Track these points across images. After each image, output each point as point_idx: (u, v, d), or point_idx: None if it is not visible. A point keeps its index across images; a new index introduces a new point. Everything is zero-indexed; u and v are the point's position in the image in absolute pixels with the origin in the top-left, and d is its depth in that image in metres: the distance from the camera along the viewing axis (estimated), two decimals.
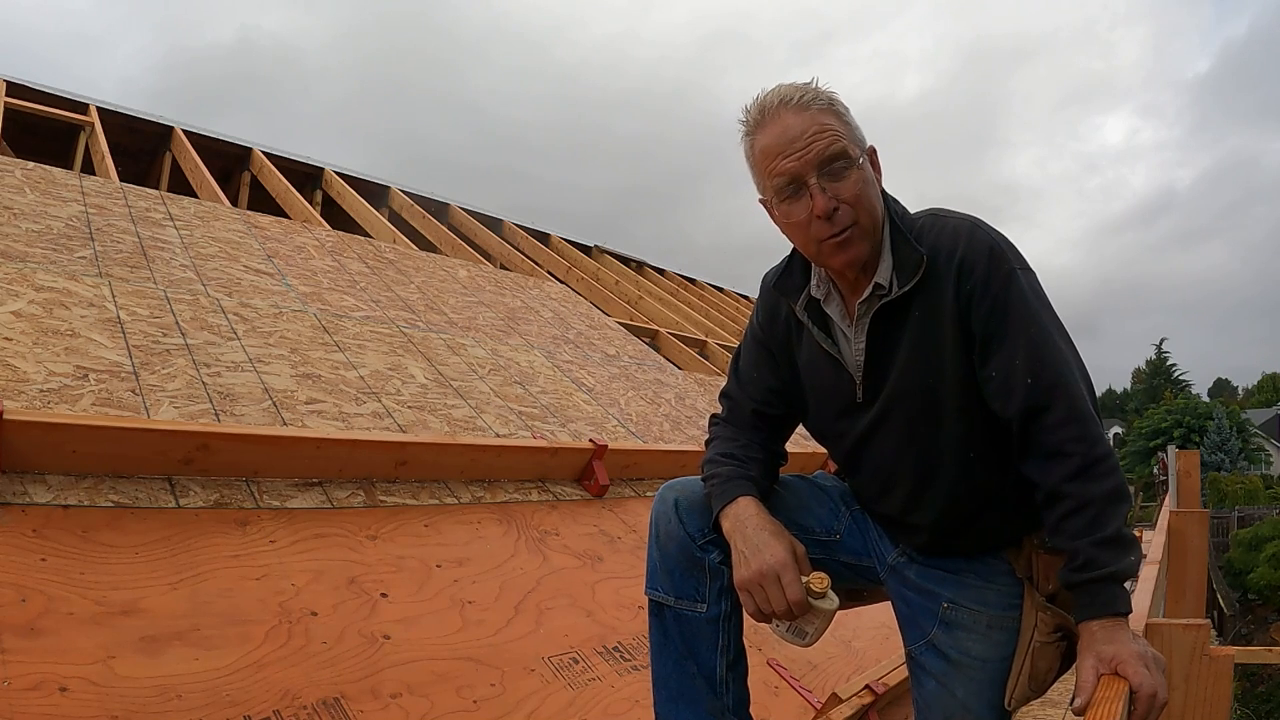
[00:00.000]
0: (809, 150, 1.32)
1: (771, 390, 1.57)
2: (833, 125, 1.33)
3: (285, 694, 1.66)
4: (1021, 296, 1.34)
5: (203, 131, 7.67)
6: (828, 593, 1.37)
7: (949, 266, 1.35)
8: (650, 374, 5.62)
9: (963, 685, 1.45)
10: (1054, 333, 1.35)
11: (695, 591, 1.47)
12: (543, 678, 2.05)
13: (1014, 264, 1.36)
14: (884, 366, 1.41)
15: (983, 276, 1.33)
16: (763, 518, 1.41)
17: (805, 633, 1.41)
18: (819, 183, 1.32)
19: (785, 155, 1.33)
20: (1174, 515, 5.35)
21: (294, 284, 4.17)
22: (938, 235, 1.38)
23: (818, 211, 1.32)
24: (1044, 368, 1.31)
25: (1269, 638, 14.25)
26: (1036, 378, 1.31)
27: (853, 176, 1.33)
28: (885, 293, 1.38)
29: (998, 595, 1.46)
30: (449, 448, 2.79)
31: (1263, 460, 36.02)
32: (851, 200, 1.33)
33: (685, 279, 12.38)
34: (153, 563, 1.85)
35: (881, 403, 1.42)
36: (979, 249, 1.35)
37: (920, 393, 1.38)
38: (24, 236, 3.38)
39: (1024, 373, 1.31)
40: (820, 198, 1.32)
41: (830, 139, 1.32)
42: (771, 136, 1.35)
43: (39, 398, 2.24)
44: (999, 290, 1.33)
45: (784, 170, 1.33)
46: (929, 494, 1.44)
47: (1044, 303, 1.37)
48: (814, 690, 2.49)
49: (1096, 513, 1.27)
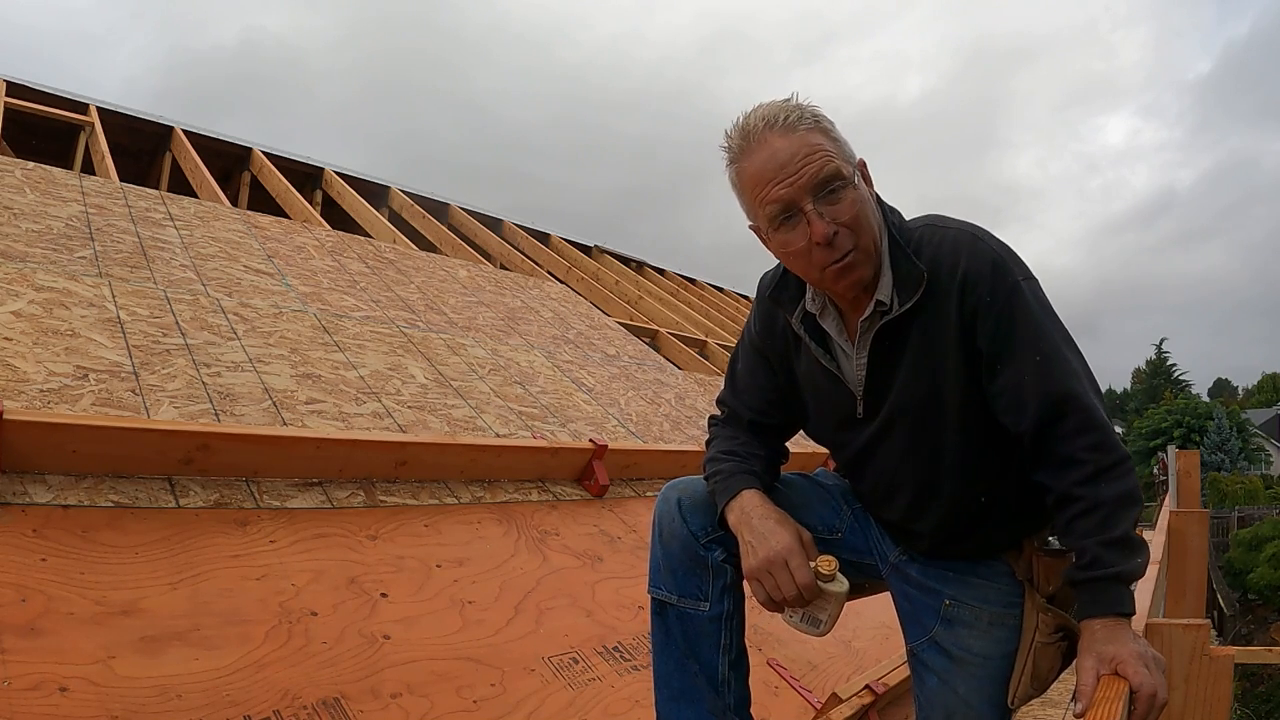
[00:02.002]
0: (801, 175, 1.26)
1: (769, 401, 1.55)
2: (822, 144, 1.28)
3: (285, 694, 1.66)
4: (1027, 309, 1.32)
5: (203, 131, 7.67)
6: (836, 575, 1.38)
7: (951, 282, 1.32)
8: (650, 374, 5.62)
9: (964, 682, 1.45)
10: (1061, 344, 1.34)
11: (698, 590, 1.48)
12: (543, 678, 2.05)
13: (1017, 276, 1.33)
14: (885, 382, 1.39)
15: (987, 292, 1.30)
16: (768, 507, 1.42)
17: (819, 620, 1.40)
18: (815, 208, 1.27)
19: (777, 182, 1.27)
20: (1174, 515, 5.35)
21: (294, 284, 4.17)
22: (937, 248, 1.34)
23: (817, 238, 1.27)
24: (1054, 381, 1.30)
25: (1269, 638, 14.24)
26: (1047, 392, 1.30)
27: (849, 197, 1.28)
28: (887, 310, 1.35)
29: (999, 593, 1.47)
30: (449, 448, 2.79)
31: (1263, 460, 36.00)
32: (850, 222, 1.28)
33: (685, 279, 12.38)
34: (153, 563, 1.85)
35: (883, 417, 1.41)
36: (982, 263, 1.31)
37: (921, 407, 1.37)
38: (24, 236, 3.38)
39: (1035, 387, 1.30)
40: (819, 223, 1.26)
41: (822, 160, 1.27)
42: (760, 163, 1.28)
43: (39, 398, 2.24)
44: (1004, 305, 1.31)
45: (777, 197, 1.28)
46: (931, 504, 1.44)
47: (1049, 313, 1.36)
48: (814, 690, 2.49)
49: (1107, 514, 1.26)
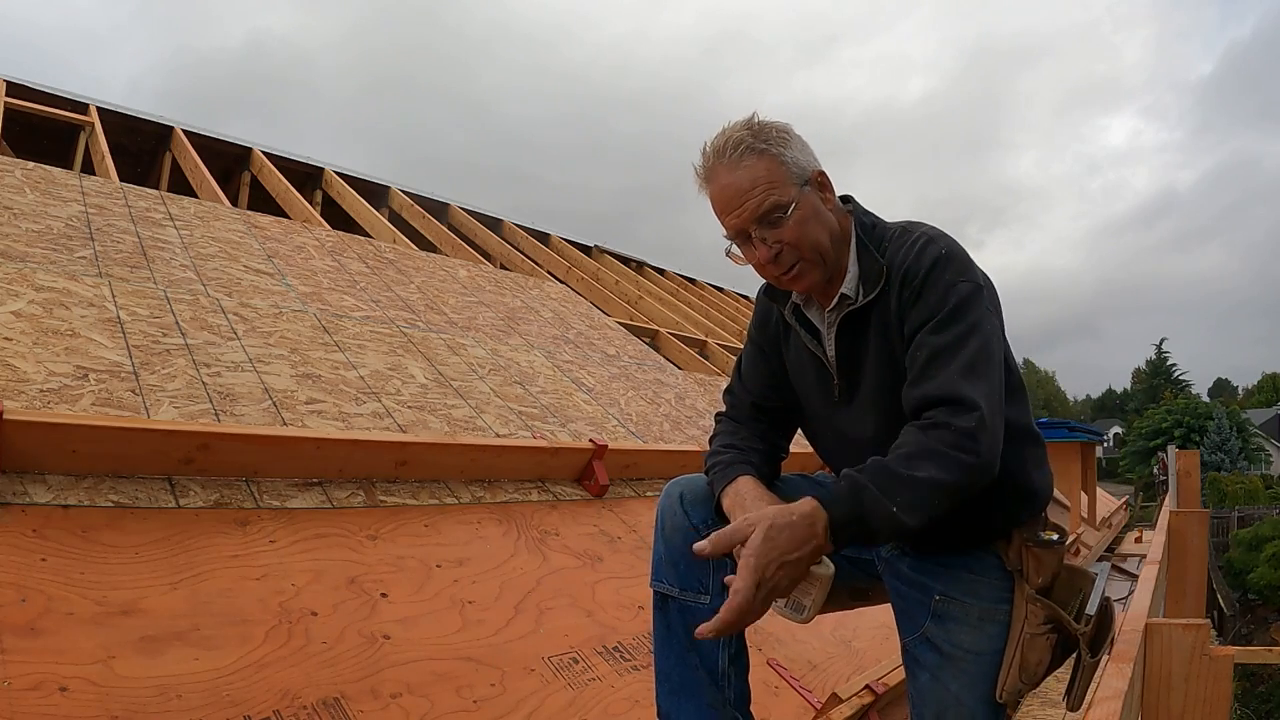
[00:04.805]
0: (743, 210, 1.42)
1: (769, 386, 1.66)
2: (765, 177, 1.41)
3: (285, 694, 1.66)
4: (950, 302, 1.37)
5: (203, 131, 7.67)
6: (823, 558, 1.39)
7: (897, 276, 1.44)
8: (650, 374, 5.62)
9: (955, 678, 1.47)
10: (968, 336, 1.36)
11: (699, 583, 1.51)
12: (543, 678, 2.05)
13: (955, 276, 1.39)
14: (855, 369, 1.50)
15: (919, 284, 1.40)
16: (760, 490, 1.46)
17: (803, 606, 1.41)
18: (759, 234, 1.43)
19: (726, 214, 1.44)
20: (1174, 515, 5.35)
21: (294, 284, 4.17)
22: (898, 246, 1.46)
23: (761, 260, 1.45)
24: (936, 363, 1.34)
25: (1269, 638, 14.26)
26: (927, 371, 1.35)
27: (791, 221, 1.41)
28: (851, 302, 1.47)
29: (988, 588, 1.49)
30: (449, 448, 2.79)
31: (1263, 460, 36.03)
32: (792, 241, 1.42)
33: (685, 279, 12.39)
34: (153, 563, 1.85)
35: (856, 402, 1.51)
36: (924, 260, 1.41)
37: (890, 391, 1.45)
38: (24, 236, 3.39)
39: (920, 366, 1.36)
40: (761, 248, 1.43)
41: (761, 195, 1.40)
42: (713, 194, 1.46)
43: (39, 398, 2.24)
44: (930, 296, 1.39)
45: (729, 226, 1.45)
46: None
47: (971, 310, 1.38)
48: (814, 690, 2.49)
49: (908, 452, 1.30)
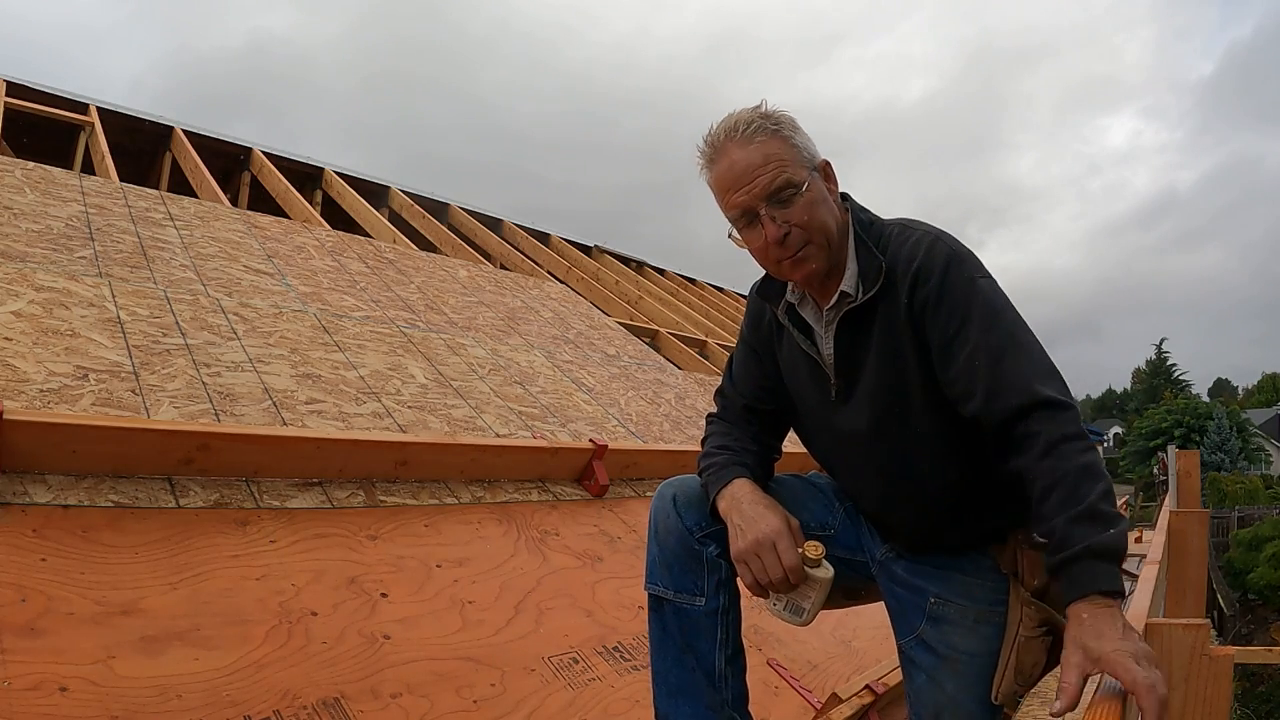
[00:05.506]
0: (755, 185, 1.37)
1: (761, 388, 1.62)
2: (777, 154, 1.38)
3: (285, 694, 1.66)
4: (981, 301, 1.36)
5: (203, 131, 7.67)
6: (822, 561, 1.40)
7: (905, 275, 1.40)
8: (650, 374, 5.62)
9: (951, 680, 1.46)
10: (1015, 330, 1.35)
11: (694, 585, 1.50)
12: (543, 678, 2.05)
13: (973, 272, 1.38)
14: (854, 367, 1.46)
15: (937, 285, 1.37)
16: (757, 493, 1.45)
17: (802, 609, 1.41)
18: (768, 212, 1.38)
19: (735, 190, 1.39)
20: (1174, 515, 5.34)
21: (294, 284, 4.17)
22: (900, 245, 1.43)
23: (770, 239, 1.39)
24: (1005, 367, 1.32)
25: (1269, 638, 14.23)
26: (1000, 376, 1.31)
27: (801, 201, 1.38)
28: (851, 299, 1.43)
29: (984, 590, 1.48)
30: (449, 448, 2.79)
31: (1263, 460, 36.00)
32: (802, 223, 1.39)
33: (685, 279, 12.39)
34: (153, 563, 1.85)
35: (854, 401, 1.47)
36: (935, 259, 1.39)
37: (890, 391, 1.42)
38: (24, 236, 3.39)
39: (986, 371, 1.32)
40: (771, 226, 1.38)
41: (775, 171, 1.37)
42: (721, 171, 1.41)
43: (39, 398, 2.24)
44: (956, 297, 1.36)
45: (736, 204, 1.40)
46: (902, 491, 1.47)
47: (1005, 305, 1.38)
48: (814, 690, 2.49)
49: (1070, 487, 1.23)
